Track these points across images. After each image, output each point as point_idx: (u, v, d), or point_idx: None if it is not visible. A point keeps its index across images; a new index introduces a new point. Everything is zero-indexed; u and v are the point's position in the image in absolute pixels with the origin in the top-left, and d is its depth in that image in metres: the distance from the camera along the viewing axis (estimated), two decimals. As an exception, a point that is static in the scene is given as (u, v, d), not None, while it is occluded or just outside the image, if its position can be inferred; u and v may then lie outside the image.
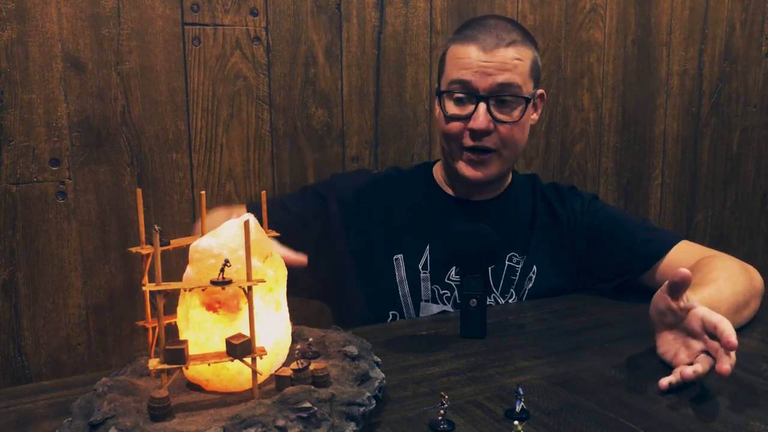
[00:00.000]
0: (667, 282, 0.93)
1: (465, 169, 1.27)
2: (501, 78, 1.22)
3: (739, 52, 2.11)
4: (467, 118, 1.23)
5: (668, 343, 0.95)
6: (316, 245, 1.30)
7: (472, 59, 1.22)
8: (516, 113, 1.24)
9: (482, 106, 1.22)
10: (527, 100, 1.24)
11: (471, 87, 1.22)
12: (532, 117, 1.32)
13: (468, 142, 1.25)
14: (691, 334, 0.92)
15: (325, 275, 1.34)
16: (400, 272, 1.30)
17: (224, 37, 1.46)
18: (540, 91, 1.32)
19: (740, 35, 2.10)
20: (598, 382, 0.92)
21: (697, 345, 0.91)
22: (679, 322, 0.94)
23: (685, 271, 0.90)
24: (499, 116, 1.23)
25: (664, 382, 0.89)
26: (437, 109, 1.30)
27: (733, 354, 0.85)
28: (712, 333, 0.88)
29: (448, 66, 1.27)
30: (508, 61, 1.22)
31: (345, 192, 1.35)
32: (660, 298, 0.95)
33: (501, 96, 1.23)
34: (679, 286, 0.92)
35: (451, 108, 1.26)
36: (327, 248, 1.32)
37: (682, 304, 0.93)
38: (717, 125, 2.13)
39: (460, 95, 1.24)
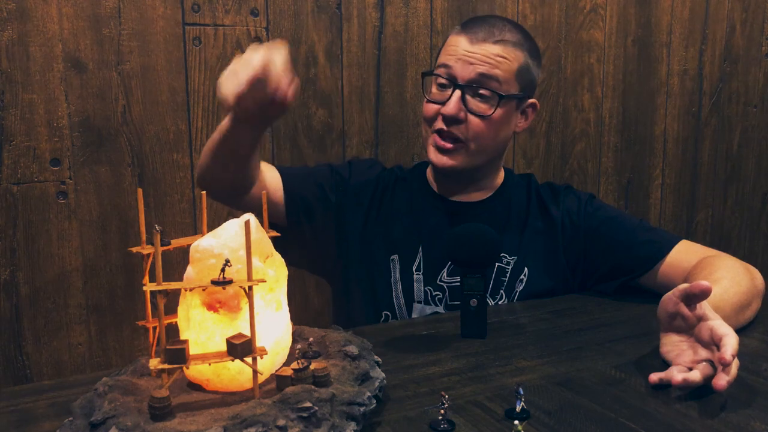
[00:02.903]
0: (682, 288, 0.93)
1: (432, 154, 1.28)
2: (482, 69, 1.23)
3: (739, 52, 2.11)
4: (443, 103, 1.25)
5: (673, 344, 0.95)
6: (327, 222, 1.34)
7: (459, 47, 1.25)
8: (490, 108, 1.24)
9: (457, 93, 1.23)
10: (501, 97, 1.24)
11: (451, 73, 1.25)
12: (518, 124, 1.32)
13: (438, 124, 1.26)
14: (700, 342, 0.91)
15: (327, 256, 1.37)
16: (395, 273, 1.30)
17: (225, 37, 1.46)
18: (532, 100, 1.32)
19: (740, 35, 2.10)
20: (598, 382, 0.92)
21: (705, 353, 0.90)
22: (689, 328, 0.94)
23: (705, 284, 0.90)
24: (472, 107, 1.24)
25: (655, 377, 0.89)
26: None
27: (734, 370, 0.84)
28: (718, 344, 0.87)
29: (441, 53, 1.30)
30: (492, 55, 1.23)
31: (363, 182, 1.37)
32: (671, 301, 0.94)
33: (478, 87, 1.23)
34: (697, 298, 0.92)
35: (433, 91, 1.28)
36: (335, 229, 1.35)
37: (696, 312, 0.92)
38: (717, 125, 2.13)
39: (443, 80, 1.26)
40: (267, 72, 0.92)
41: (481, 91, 1.24)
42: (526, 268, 1.30)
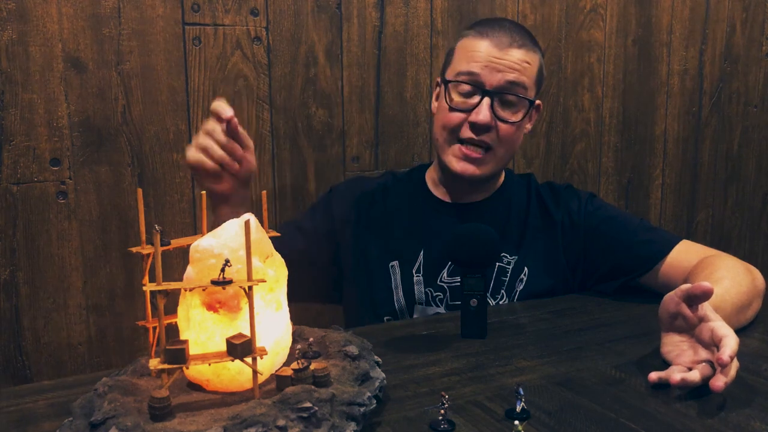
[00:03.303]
0: (684, 288, 0.93)
1: (456, 163, 1.26)
2: (510, 76, 1.22)
3: (739, 52, 2.11)
4: (469, 110, 1.23)
5: (674, 344, 0.95)
6: (328, 256, 1.34)
7: (483, 53, 1.22)
8: (518, 115, 1.24)
9: (486, 100, 1.22)
10: (530, 103, 1.25)
11: (479, 80, 1.22)
12: (526, 126, 1.32)
13: (466, 133, 1.24)
14: (701, 342, 0.92)
15: (331, 282, 1.37)
16: (396, 278, 1.30)
17: (225, 37, 1.46)
18: (538, 102, 1.32)
19: (741, 35, 2.10)
20: (598, 382, 0.92)
21: (705, 353, 0.90)
22: (690, 329, 0.94)
23: (707, 285, 0.90)
24: (502, 114, 1.23)
25: (654, 376, 0.89)
26: (435, 103, 1.31)
27: (733, 371, 0.85)
28: (718, 345, 0.87)
29: (457, 57, 1.27)
30: (518, 62, 1.23)
31: (345, 205, 1.37)
32: (673, 302, 0.94)
33: (507, 94, 1.23)
34: (698, 299, 0.92)
35: (456, 98, 1.25)
36: (335, 258, 1.36)
37: (697, 313, 0.92)
38: (717, 125, 2.13)
39: (467, 87, 1.24)
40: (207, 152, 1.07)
41: (509, 98, 1.23)
42: (526, 268, 1.30)
